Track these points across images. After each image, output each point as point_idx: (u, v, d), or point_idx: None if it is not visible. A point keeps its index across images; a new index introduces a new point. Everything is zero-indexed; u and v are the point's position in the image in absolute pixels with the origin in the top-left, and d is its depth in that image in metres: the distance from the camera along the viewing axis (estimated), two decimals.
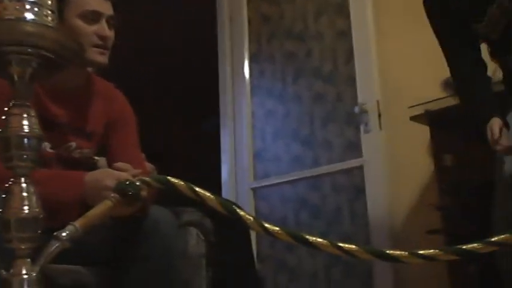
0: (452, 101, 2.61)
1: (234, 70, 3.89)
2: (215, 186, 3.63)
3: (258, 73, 3.78)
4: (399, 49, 3.10)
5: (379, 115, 3.08)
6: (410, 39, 3.04)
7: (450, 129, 2.55)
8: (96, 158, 1.75)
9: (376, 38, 3.18)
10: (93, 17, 1.59)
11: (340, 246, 0.89)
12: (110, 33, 1.63)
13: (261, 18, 3.83)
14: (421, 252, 0.88)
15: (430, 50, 2.93)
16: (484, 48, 2.08)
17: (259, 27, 3.83)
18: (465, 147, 2.45)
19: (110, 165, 1.61)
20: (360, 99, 3.16)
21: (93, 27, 1.59)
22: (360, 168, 3.11)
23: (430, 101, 2.65)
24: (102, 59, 1.62)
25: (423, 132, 2.74)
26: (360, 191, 3.10)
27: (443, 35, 2.04)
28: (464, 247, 0.86)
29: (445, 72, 2.68)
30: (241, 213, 0.94)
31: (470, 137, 2.46)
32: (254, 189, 3.64)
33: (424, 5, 2.12)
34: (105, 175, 1.39)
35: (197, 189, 0.94)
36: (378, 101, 3.10)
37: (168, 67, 5.38)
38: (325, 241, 0.89)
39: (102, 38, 1.60)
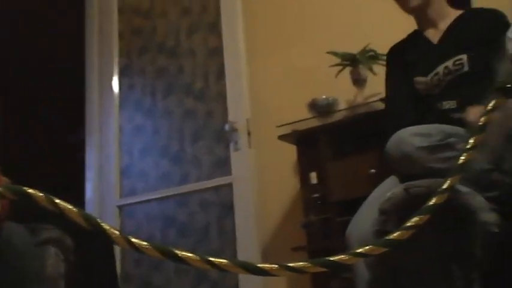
0: (318, 122, 2.72)
1: (102, 83, 3.74)
2: (79, 204, 3.44)
3: (127, 87, 3.67)
4: (269, 70, 3.17)
5: (249, 133, 3.13)
6: (280, 61, 3.13)
7: (316, 148, 2.64)
8: None
9: (247, 58, 3.23)
10: None
11: (209, 260, 0.86)
12: None
13: (132, 32, 3.75)
14: (290, 264, 0.87)
15: (299, 72, 3.06)
16: None
17: (131, 40, 3.74)
18: (330, 166, 2.55)
19: None
20: (230, 117, 3.18)
21: None
22: (229, 185, 3.12)
23: (297, 121, 2.74)
24: None
25: (290, 151, 2.82)
26: (228, 208, 3.11)
27: (392, 84, 2.09)
28: (331, 259, 0.87)
29: (312, 94, 2.80)
30: (106, 227, 0.88)
31: (334, 156, 2.57)
32: (120, 207, 3.50)
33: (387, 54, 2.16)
34: None
35: (57, 201, 0.86)
36: (247, 120, 3.14)
37: (34, 75, 5.07)
38: (194, 255, 0.86)
39: None
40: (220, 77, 3.29)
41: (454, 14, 1.98)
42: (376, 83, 2.62)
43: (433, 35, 1.98)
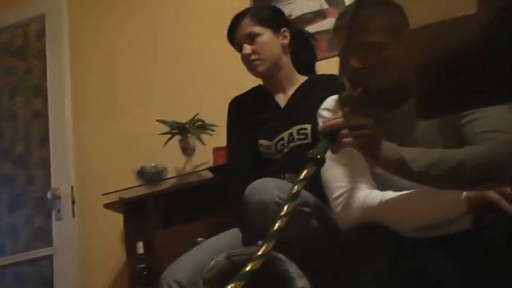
0: (145, 190, 2.68)
1: None
2: None
3: None
4: (97, 136, 3.09)
5: (73, 201, 2.98)
6: (108, 128, 3.07)
7: (143, 217, 2.59)
8: None
9: (74, 123, 3.12)
10: None
11: None
12: None
13: None
14: None
15: (128, 139, 3.01)
16: None
17: None
18: (157, 235, 2.50)
19: None
20: (53, 184, 3.01)
21: None
22: (49, 257, 2.92)
23: (124, 189, 2.68)
24: None
25: (117, 220, 2.73)
26: (47, 282, 2.88)
27: (236, 139, 2.02)
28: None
29: (141, 161, 2.77)
30: None
31: (162, 225, 2.54)
32: None
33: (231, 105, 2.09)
34: None
35: None
36: (72, 187, 3.00)
37: None
38: None
39: None
40: (44, 142, 3.12)
41: (301, 79, 2.02)
42: (205, 152, 2.68)
43: (282, 100, 1.99)
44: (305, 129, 1.85)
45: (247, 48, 1.95)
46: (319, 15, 2.99)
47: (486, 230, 1.17)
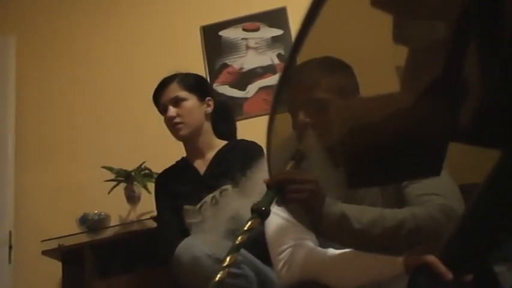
0: (86, 237, 2.62)
1: None
2: None
3: None
4: (39, 182, 3.02)
5: (10, 247, 2.87)
6: (51, 174, 3.02)
7: (82, 265, 2.51)
8: None
9: (16, 167, 3.04)
10: None
11: None
12: None
13: None
14: None
15: (71, 186, 2.96)
16: None
17: None
18: (94, 285, 2.43)
19: None
20: None
21: None
22: None
23: (63, 236, 2.61)
24: None
25: (56, 267, 2.65)
26: None
27: (162, 211, 2.12)
28: None
29: (84, 209, 2.71)
30: None
31: (100, 275, 2.47)
32: None
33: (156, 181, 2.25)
34: None
35: None
36: (10, 232, 2.90)
37: None
38: None
39: None
40: None
41: (219, 144, 2.12)
42: (150, 201, 2.65)
43: (201, 165, 2.09)
44: (226, 189, 1.94)
45: (172, 111, 2.03)
46: (270, 70, 3.07)
47: None
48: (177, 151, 2.19)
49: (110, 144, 3.01)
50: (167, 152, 2.27)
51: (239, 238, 1.11)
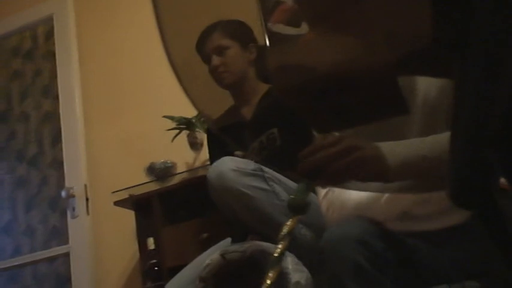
0: (154, 186, 2.70)
1: None
2: None
3: None
4: (106, 135, 3.12)
5: (87, 199, 3.02)
6: (117, 126, 3.09)
7: (153, 212, 2.61)
8: None
9: (84, 123, 3.16)
10: None
11: None
12: None
13: None
14: None
15: (136, 137, 3.04)
16: None
17: None
18: (164, 231, 2.52)
19: None
20: (67, 184, 3.06)
21: None
22: (66, 255, 2.97)
23: (133, 186, 2.70)
24: None
25: (129, 216, 2.76)
26: (65, 280, 2.94)
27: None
28: None
29: (150, 158, 2.79)
30: None
31: (169, 221, 2.56)
32: None
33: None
34: None
35: None
36: (85, 185, 3.04)
37: None
38: None
39: None
40: (56, 142, 3.17)
41: (264, 88, 2.06)
42: None
43: (247, 112, 2.06)
44: (272, 133, 1.94)
45: (216, 60, 1.99)
46: None
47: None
48: None
49: (170, 93, 3.03)
50: None
51: (279, 246, 0.90)
